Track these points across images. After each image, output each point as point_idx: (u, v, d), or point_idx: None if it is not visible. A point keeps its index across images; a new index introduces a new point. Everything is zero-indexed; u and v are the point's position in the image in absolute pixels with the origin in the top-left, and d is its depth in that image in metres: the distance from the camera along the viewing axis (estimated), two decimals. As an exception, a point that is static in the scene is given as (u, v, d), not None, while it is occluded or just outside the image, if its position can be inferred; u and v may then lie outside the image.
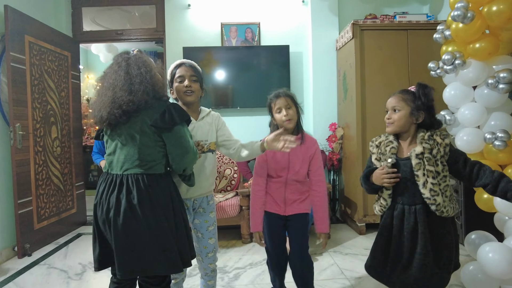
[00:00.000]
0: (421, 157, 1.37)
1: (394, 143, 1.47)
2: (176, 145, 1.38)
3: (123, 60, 1.40)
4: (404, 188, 1.43)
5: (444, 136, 1.40)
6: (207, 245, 1.72)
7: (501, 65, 2.15)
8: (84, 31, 3.81)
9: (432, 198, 1.36)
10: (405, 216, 1.42)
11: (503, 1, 1.96)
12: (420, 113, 1.42)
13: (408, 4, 3.77)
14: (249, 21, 3.70)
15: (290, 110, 1.67)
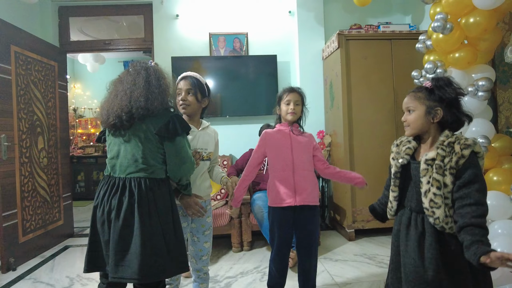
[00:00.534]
0: (431, 163, 1.22)
1: (411, 143, 1.33)
2: (175, 154, 1.44)
3: (143, 69, 1.47)
4: (414, 193, 1.29)
5: (465, 146, 1.16)
6: (202, 248, 1.78)
7: (479, 73, 2.25)
8: (71, 40, 3.79)
9: (431, 210, 1.20)
10: (411, 223, 1.28)
11: (480, 14, 2.06)
12: (437, 110, 1.24)
13: (391, 14, 3.89)
14: (237, 31, 3.75)
15: (298, 106, 1.84)
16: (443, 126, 1.26)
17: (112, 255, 1.33)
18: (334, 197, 3.55)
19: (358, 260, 2.70)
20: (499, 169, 2.19)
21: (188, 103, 1.70)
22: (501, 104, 2.47)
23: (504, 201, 2.05)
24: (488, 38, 2.16)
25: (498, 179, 2.14)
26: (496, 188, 2.13)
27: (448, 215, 1.17)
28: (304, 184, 1.82)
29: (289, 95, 1.84)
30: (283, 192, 1.81)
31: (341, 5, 3.83)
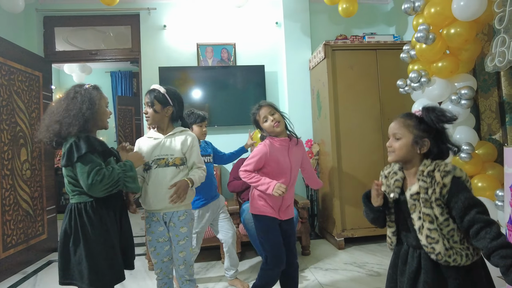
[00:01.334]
0: (417, 197, 1.18)
1: (398, 175, 1.28)
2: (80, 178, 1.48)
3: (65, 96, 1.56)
4: (407, 228, 1.24)
5: (445, 174, 1.13)
6: (178, 258, 1.81)
7: (462, 82, 2.31)
8: (56, 51, 3.75)
9: (430, 247, 1.13)
10: (408, 259, 1.23)
11: (460, 25, 2.13)
12: (424, 141, 1.20)
13: (375, 25, 3.98)
14: (225, 42, 3.78)
15: (275, 115, 1.86)
16: (427, 156, 1.22)
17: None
18: (322, 206, 3.55)
19: (348, 268, 2.69)
20: (484, 175, 2.23)
21: (148, 116, 1.81)
22: (483, 112, 2.53)
23: (489, 207, 2.07)
24: (469, 48, 2.22)
25: (483, 185, 2.18)
26: (481, 194, 2.17)
27: (448, 247, 1.12)
28: (289, 201, 1.93)
29: (261, 113, 1.87)
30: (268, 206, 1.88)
31: (327, 16, 3.91)
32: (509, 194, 1.55)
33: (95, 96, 1.58)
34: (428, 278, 1.14)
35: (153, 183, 1.77)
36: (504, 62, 1.84)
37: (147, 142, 1.85)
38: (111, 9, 3.53)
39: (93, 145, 1.50)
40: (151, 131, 1.90)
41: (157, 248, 1.80)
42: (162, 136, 1.82)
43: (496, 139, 2.46)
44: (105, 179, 1.48)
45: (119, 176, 1.52)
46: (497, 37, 1.92)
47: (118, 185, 1.52)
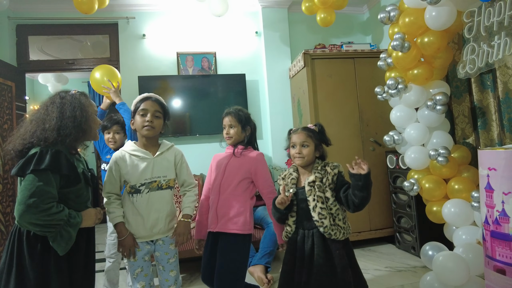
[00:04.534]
0: (313, 184, 1.54)
1: (293, 175, 1.64)
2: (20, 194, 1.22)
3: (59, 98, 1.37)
4: (304, 214, 1.57)
5: (334, 167, 1.59)
6: (168, 278, 1.68)
7: (436, 88, 2.40)
8: (30, 60, 3.63)
9: (320, 221, 1.51)
10: (305, 239, 1.56)
11: (432, 34, 2.22)
12: (321, 147, 1.65)
13: (352, 34, 4.10)
14: (205, 51, 3.78)
15: (231, 129, 1.82)
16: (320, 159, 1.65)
17: None
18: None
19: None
20: (460, 177, 2.31)
21: (153, 126, 1.63)
22: (457, 117, 2.63)
23: (466, 208, 2.16)
24: (441, 56, 2.32)
25: (459, 187, 2.25)
26: (458, 196, 2.25)
27: (333, 224, 1.52)
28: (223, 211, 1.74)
29: (223, 120, 1.85)
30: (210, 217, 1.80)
31: (305, 26, 3.99)
32: (484, 195, 1.61)
33: (85, 103, 1.41)
34: (319, 251, 1.51)
35: (144, 209, 1.60)
36: (475, 69, 1.93)
37: (131, 161, 1.62)
38: (88, 18, 3.46)
39: (58, 164, 1.25)
40: (131, 145, 1.67)
41: (144, 268, 1.63)
42: (151, 156, 1.65)
43: (469, 142, 2.56)
44: (43, 214, 1.18)
45: (60, 222, 1.24)
46: (467, 46, 2.01)
47: (51, 230, 1.22)
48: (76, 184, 1.34)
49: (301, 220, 1.59)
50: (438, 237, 2.40)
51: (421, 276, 2.16)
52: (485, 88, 2.36)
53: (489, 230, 1.58)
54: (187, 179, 1.76)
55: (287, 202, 1.55)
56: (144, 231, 1.62)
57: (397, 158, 3.00)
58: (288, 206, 1.58)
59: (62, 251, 1.26)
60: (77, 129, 1.34)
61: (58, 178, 1.27)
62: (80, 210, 1.38)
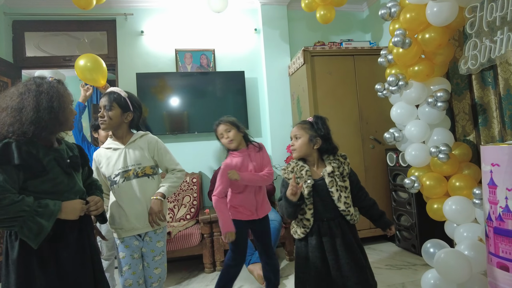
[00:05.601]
0: (332, 175, 1.54)
1: (306, 167, 1.60)
2: None
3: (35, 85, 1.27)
4: (325, 206, 1.55)
5: (345, 157, 1.63)
6: (152, 275, 1.67)
7: (437, 85, 2.39)
8: (27, 56, 3.59)
9: (347, 210, 1.54)
10: (332, 230, 1.53)
11: (434, 30, 2.20)
12: (317, 139, 1.59)
13: (352, 32, 4.08)
14: (204, 48, 3.75)
15: (230, 133, 1.97)
16: (321, 152, 1.62)
17: None
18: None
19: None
20: (461, 175, 2.29)
21: (105, 119, 1.63)
22: (457, 114, 2.62)
23: (467, 205, 2.14)
24: (442, 53, 2.30)
25: (460, 185, 2.23)
26: (459, 193, 2.23)
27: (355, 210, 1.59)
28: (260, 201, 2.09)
29: (218, 130, 2.01)
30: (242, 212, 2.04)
31: (305, 23, 3.97)
32: (487, 191, 1.60)
33: (63, 93, 1.33)
34: (351, 238, 1.54)
35: (123, 200, 1.60)
36: (477, 64, 1.92)
37: (105, 154, 1.67)
38: (85, 14, 3.43)
39: (7, 156, 1.17)
40: (108, 141, 1.72)
41: (132, 266, 1.61)
42: (122, 146, 1.66)
43: (470, 140, 2.54)
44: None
45: (22, 213, 1.15)
46: (469, 41, 2.00)
47: (13, 224, 1.15)
48: (43, 175, 1.25)
49: (320, 212, 1.56)
50: (438, 235, 2.38)
51: (421, 274, 2.14)
52: (486, 85, 2.35)
53: (492, 226, 1.57)
54: (169, 166, 1.73)
55: (299, 191, 1.50)
56: (128, 223, 1.60)
57: (397, 155, 2.99)
58: (300, 198, 1.53)
59: (34, 244, 1.18)
60: (53, 121, 1.27)
61: (12, 170, 1.18)
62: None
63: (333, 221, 1.54)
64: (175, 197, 3.30)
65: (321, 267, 1.51)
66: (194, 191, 3.35)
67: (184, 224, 3.01)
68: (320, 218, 1.55)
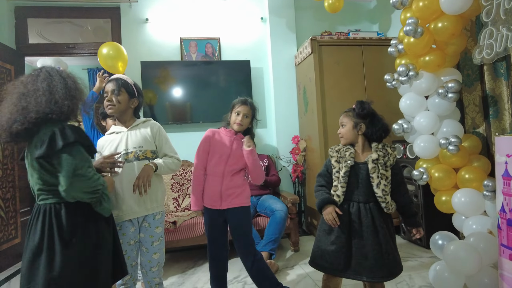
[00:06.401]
0: (376, 162, 1.59)
1: (352, 149, 1.66)
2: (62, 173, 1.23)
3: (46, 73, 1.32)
4: (360, 188, 1.61)
5: (393, 149, 1.65)
6: (151, 260, 1.70)
7: (448, 76, 2.34)
8: (30, 43, 3.54)
9: (383, 197, 1.57)
10: (362, 212, 1.59)
11: (447, 19, 2.16)
12: (361, 125, 1.65)
13: (359, 22, 4.02)
14: (209, 36, 3.70)
15: (246, 119, 1.95)
16: (367, 137, 1.67)
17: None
18: (310, 201, 3.54)
19: (338, 264, 2.67)
20: (470, 167, 2.27)
21: (113, 104, 1.66)
22: (467, 106, 2.58)
23: (476, 197, 2.12)
24: (455, 42, 2.25)
25: (470, 177, 2.21)
26: (468, 185, 2.21)
27: (390, 200, 1.59)
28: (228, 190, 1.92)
29: (240, 107, 1.96)
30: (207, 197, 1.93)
31: (312, 12, 3.91)
32: (501, 183, 1.57)
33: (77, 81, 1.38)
34: (381, 223, 1.57)
35: (123, 181, 1.61)
36: (492, 54, 1.88)
37: (108, 138, 1.72)
38: (89, 1, 3.38)
39: (83, 137, 1.27)
40: (111, 128, 1.77)
41: (128, 251, 1.65)
42: (125, 129, 1.71)
43: (480, 132, 2.51)
44: (90, 181, 1.24)
45: (101, 187, 1.29)
46: (485, 30, 1.95)
47: (96, 196, 1.29)
48: (93, 154, 1.38)
49: (354, 193, 1.61)
50: (445, 227, 2.37)
51: (428, 266, 2.14)
52: (498, 76, 2.30)
53: (505, 218, 1.55)
54: (168, 153, 1.76)
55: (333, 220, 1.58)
56: (126, 206, 1.62)
57: (405, 147, 2.96)
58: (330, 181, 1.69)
59: (107, 212, 1.36)
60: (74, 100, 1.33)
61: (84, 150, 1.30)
62: None
63: (365, 204, 1.59)
64: (180, 187, 3.28)
65: (344, 243, 1.58)
66: (199, 181, 3.33)
67: (189, 214, 3.00)
68: (352, 199, 1.62)
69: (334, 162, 1.68)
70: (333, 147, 1.75)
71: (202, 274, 2.61)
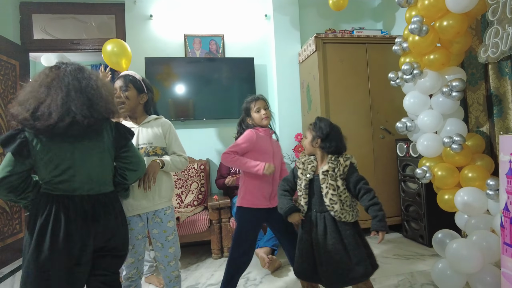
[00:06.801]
0: (326, 173, 1.67)
1: (314, 163, 1.76)
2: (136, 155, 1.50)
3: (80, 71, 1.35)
4: (317, 199, 1.71)
5: (346, 159, 1.71)
6: (168, 255, 1.71)
7: (452, 75, 2.34)
8: (34, 39, 3.55)
9: (331, 206, 1.64)
10: (317, 221, 1.69)
11: (452, 17, 2.15)
12: (317, 139, 1.73)
13: (363, 20, 4.01)
14: (213, 33, 3.70)
15: (268, 111, 2.03)
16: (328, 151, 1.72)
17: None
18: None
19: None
20: (473, 166, 2.27)
21: (122, 101, 1.68)
22: (471, 105, 2.58)
23: (479, 196, 2.12)
24: (460, 41, 2.25)
25: (473, 176, 2.21)
26: (471, 184, 2.21)
27: (342, 208, 1.64)
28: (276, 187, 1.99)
29: (257, 103, 2.02)
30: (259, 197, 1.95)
31: (316, 10, 3.90)
32: (504, 182, 1.58)
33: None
34: (331, 231, 1.64)
35: None
36: (498, 53, 1.88)
37: None
38: (94, -3, 3.37)
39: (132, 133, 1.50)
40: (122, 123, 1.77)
41: (135, 246, 1.66)
42: (136, 125, 1.72)
43: (483, 131, 2.51)
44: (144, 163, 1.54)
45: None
46: (490, 29, 1.95)
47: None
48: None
49: (313, 203, 1.72)
50: (447, 225, 2.38)
51: (430, 264, 2.15)
52: (503, 75, 2.30)
53: (509, 217, 1.55)
54: (177, 151, 1.77)
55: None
56: (135, 201, 1.63)
57: (408, 146, 2.96)
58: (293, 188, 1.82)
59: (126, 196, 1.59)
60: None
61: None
62: None
63: (320, 213, 1.69)
64: (183, 183, 3.30)
65: (309, 249, 1.70)
66: (202, 177, 3.35)
67: (192, 210, 3.02)
68: (312, 208, 1.73)
69: (299, 174, 1.78)
70: (299, 159, 1.84)
71: (205, 270, 2.63)
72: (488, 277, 1.84)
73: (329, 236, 1.65)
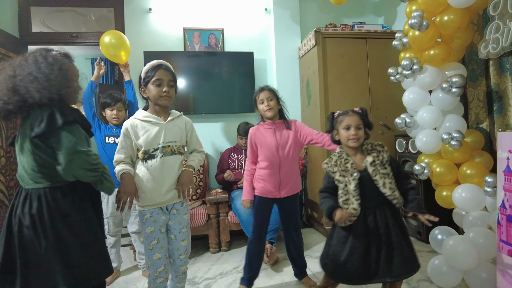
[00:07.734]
0: (374, 164, 1.58)
1: (350, 159, 1.63)
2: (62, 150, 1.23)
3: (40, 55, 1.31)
4: (370, 194, 1.58)
5: (382, 145, 1.66)
6: (179, 247, 1.70)
7: (452, 70, 2.32)
8: (33, 32, 3.53)
9: (392, 194, 1.56)
10: (378, 217, 1.57)
11: (453, 12, 2.13)
12: (367, 129, 1.68)
13: (364, 15, 3.98)
14: (213, 27, 3.67)
15: (271, 102, 1.99)
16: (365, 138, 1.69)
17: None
18: (310, 194, 3.55)
19: (338, 256, 2.69)
20: (472, 162, 2.26)
21: (170, 96, 1.65)
22: (471, 101, 2.56)
23: (477, 193, 2.11)
24: (460, 36, 2.23)
25: (471, 172, 2.20)
26: (469, 181, 2.20)
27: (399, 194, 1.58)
28: (286, 179, 2.04)
29: (260, 95, 2.01)
30: (267, 188, 2.03)
31: (316, 4, 3.86)
32: (502, 178, 1.57)
33: (69, 67, 1.35)
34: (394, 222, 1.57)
35: (159, 174, 1.60)
36: (498, 48, 1.86)
37: (142, 127, 1.62)
38: (92, -11, 3.35)
39: (82, 118, 1.29)
40: (142, 113, 1.67)
41: (160, 240, 1.62)
42: (163, 121, 1.65)
43: (483, 127, 2.50)
44: (90, 158, 1.23)
45: (100, 165, 1.29)
46: (491, 24, 1.93)
47: (96, 174, 1.28)
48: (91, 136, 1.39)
49: (367, 201, 1.57)
50: (445, 222, 2.37)
51: (427, 260, 2.14)
52: (504, 71, 2.28)
53: (506, 214, 1.55)
54: (197, 148, 1.80)
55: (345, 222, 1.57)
56: (159, 197, 1.62)
57: (407, 142, 2.95)
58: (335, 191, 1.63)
59: (110, 191, 1.38)
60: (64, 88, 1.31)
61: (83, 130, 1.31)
62: None
63: (379, 208, 1.58)
64: (181, 177, 3.30)
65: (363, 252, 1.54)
66: (201, 172, 3.35)
67: (190, 204, 3.02)
68: (367, 206, 1.57)
69: (339, 177, 1.61)
70: (328, 161, 1.68)
71: (202, 264, 2.64)
72: (484, 274, 1.85)
73: (393, 228, 1.56)
